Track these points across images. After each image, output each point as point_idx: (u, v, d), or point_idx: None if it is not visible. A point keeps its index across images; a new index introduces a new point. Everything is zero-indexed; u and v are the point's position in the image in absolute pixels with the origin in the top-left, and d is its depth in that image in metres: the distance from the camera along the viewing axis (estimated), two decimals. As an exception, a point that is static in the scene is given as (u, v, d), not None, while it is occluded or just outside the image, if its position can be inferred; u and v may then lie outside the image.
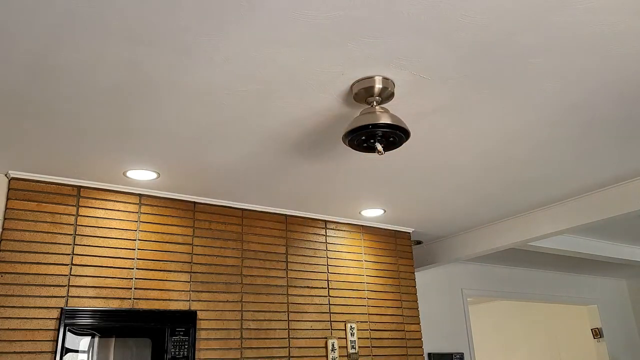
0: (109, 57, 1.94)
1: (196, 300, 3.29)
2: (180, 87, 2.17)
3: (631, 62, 2.11)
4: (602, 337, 6.73)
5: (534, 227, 4.04)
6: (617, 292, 7.27)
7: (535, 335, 7.76)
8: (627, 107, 2.49)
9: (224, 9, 1.70)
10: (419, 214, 4.10)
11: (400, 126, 2.11)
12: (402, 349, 4.09)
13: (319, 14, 1.74)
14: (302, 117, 2.46)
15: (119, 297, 3.06)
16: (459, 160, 3.05)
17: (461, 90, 2.28)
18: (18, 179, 2.99)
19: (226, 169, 3.05)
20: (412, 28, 1.83)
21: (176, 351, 3.06)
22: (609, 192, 3.60)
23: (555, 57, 2.05)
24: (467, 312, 5.61)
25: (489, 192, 3.63)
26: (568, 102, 2.42)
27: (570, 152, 3.00)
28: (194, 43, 1.88)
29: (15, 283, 2.81)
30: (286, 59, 2.00)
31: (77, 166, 2.95)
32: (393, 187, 3.48)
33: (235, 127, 2.54)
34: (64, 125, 2.47)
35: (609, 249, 5.28)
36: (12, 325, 2.73)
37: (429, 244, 4.90)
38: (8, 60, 1.95)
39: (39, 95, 2.20)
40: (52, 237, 2.98)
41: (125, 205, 3.26)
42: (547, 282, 6.50)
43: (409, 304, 4.28)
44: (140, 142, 2.68)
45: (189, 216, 3.46)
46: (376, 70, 2.09)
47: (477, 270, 5.89)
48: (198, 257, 3.40)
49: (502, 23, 1.82)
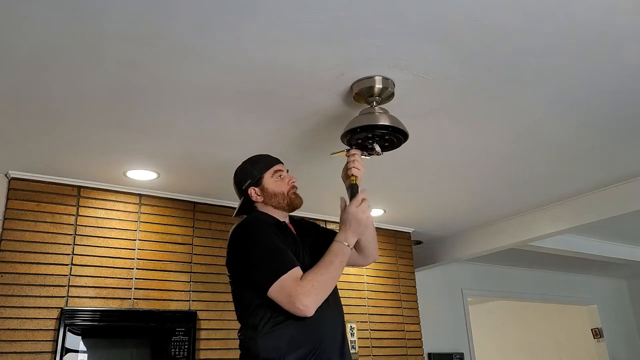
0: (109, 57, 1.94)
1: (196, 300, 3.29)
2: (180, 87, 2.17)
3: (631, 62, 2.10)
4: (602, 337, 6.73)
5: (534, 227, 4.04)
6: (617, 292, 7.27)
7: (535, 335, 7.76)
8: (627, 107, 2.49)
9: (224, 9, 1.70)
10: (419, 214, 4.09)
11: (399, 128, 2.11)
12: (402, 349, 4.09)
13: (319, 14, 1.74)
14: (302, 117, 2.46)
15: (119, 297, 3.06)
16: (459, 160, 3.05)
17: (461, 90, 2.28)
18: (18, 179, 2.99)
19: (226, 169, 3.04)
20: (412, 28, 1.83)
21: (176, 351, 3.06)
22: (609, 192, 3.60)
23: (555, 58, 2.05)
24: (467, 312, 5.60)
25: (489, 192, 3.63)
26: (568, 102, 2.42)
27: (570, 152, 3.00)
28: (194, 43, 1.88)
29: (15, 283, 2.81)
30: (286, 59, 2.00)
31: (77, 166, 2.95)
32: (393, 187, 3.48)
33: (235, 127, 2.54)
34: (64, 125, 2.47)
35: (609, 249, 5.27)
36: (12, 325, 2.73)
37: (429, 244, 4.90)
38: (8, 60, 1.95)
39: (39, 95, 2.20)
40: (52, 237, 2.98)
41: (125, 205, 3.26)
42: (547, 282, 6.50)
43: (409, 304, 4.28)
44: (140, 142, 2.68)
45: (189, 216, 3.46)
46: (376, 70, 2.09)
47: (477, 270, 5.89)
48: (198, 257, 3.39)
49: (502, 23, 1.82)
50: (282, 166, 1.94)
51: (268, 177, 1.89)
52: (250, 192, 1.89)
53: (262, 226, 1.77)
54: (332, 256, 1.71)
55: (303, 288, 1.59)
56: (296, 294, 1.58)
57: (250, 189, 1.89)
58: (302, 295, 1.58)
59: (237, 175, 1.95)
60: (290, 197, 1.89)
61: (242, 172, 1.93)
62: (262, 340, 1.64)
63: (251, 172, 1.90)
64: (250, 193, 1.89)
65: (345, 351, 1.75)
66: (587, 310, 6.94)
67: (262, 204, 1.89)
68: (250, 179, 1.89)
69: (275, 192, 1.87)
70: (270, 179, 1.89)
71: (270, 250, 1.69)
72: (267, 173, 1.89)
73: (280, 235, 1.78)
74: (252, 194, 1.89)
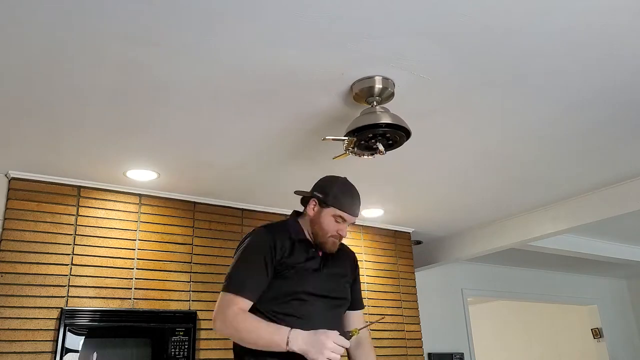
0: (109, 57, 1.94)
1: (196, 300, 3.29)
2: (180, 87, 2.17)
3: (631, 62, 2.10)
4: (602, 337, 6.72)
5: (534, 227, 4.04)
6: (617, 292, 7.27)
7: (535, 335, 7.76)
8: (627, 107, 2.49)
9: (224, 9, 1.70)
10: (419, 214, 4.09)
11: (402, 126, 2.11)
12: (402, 349, 4.09)
13: (319, 14, 1.74)
14: (302, 117, 2.46)
15: (119, 297, 3.06)
16: (459, 160, 3.05)
17: (461, 90, 2.28)
18: (18, 179, 2.99)
19: (226, 169, 3.05)
20: (412, 28, 1.83)
21: (176, 351, 3.06)
22: (610, 192, 3.60)
23: (555, 57, 2.05)
24: (467, 312, 5.60)
25: (489, 192, 3.63)
26: (568, 102, 2.42)
27: (570, 152, 3.00)
28: (194, 43, 1.88)
29: (15, 283, 2.81)
30: (286, 59, 2.00)
31: (77, 166, 2.95)
32: (393, 187, 3.48)
33: (235, 127, 2.54)
34: (64, 126, 2.47)
35: (609, 249, 5.27)
36: (12, 325, 2.73)
37: (429, 244, 4.90)
38: (8, 60, 1.95)
39: (39, 95, 2.20)
40: (52, 237, 2.98)
41: (125, 205, 3.26)
42: (547, 282, 6.50)
43: (409, 304, 4.28)
44: (140, 142, 2.68)
45: (189, 216, 3.46)
46: (376, 70, 2.09)
47: (477, 270, 5.88)
48: (198, 257, 3.39)
49: (502, 23, 1.82)
50: (350, 218, 1.85)
51: (331, 212, 1.83)
52: (311, 203, 1.87)
53: (261, 243, 1.78)
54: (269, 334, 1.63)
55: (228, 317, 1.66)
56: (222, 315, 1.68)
57: (314, 201, 1.86)
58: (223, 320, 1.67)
59: (323, 181, 1.91)
60: (327, 239, 1.83)
61: (326, 186, 1.88)
62: None
63: (330, 194, 1.84)
64: (311, 203, 1.87)
65: None
66: (587, 310, 6.94)
67: (308, 218, 1.88)
68: (324, 196, 1.84)
69: (322, 227, 1.83)
70: (330, 215, 1.83)
71: (247, 267, 1.75)
72: (334, 209, 1.83)
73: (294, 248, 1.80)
74: (310, 204, 1.87)
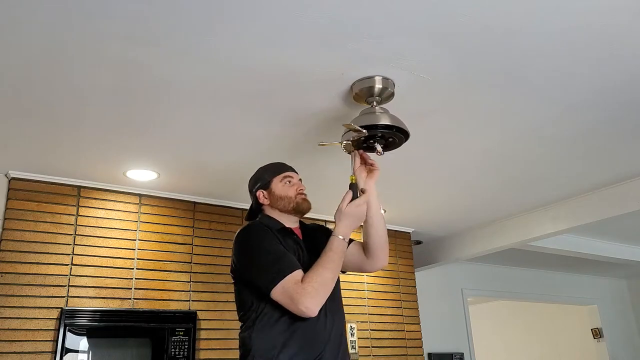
0: (109, 57, 1.94)
1: (196, 300, 3.29)
2: (180, 87, 2.17)
3: (631, 62, 2.10)
4: (602, 337, 6.73)
5: (534, 227, 4.04)
6: (617, 292, 7.27)
7: (535, 335, 7.76)
8: (627, 107, 2.49)
9: (224, 8, 1.70)
10: (418, 214, 4.09)
11: (400, 127, 2.11)
12: (402, 349, 4.09)
13: (319, 14, 1.74)
14: (302, 117, 2.46)
15: (119, 297, 3.06)
16: (459, 160, 3.05)
17: (461, 90, 2.28)
18: (18, 179, 2.99)
19: (226, 169, 3.05)
20: (412, 28, 1.83)
21: (176, 351, 3.06)
22: (610, 192, 3.60)
23: (555, 58, 2.05)
24: (467, 312, 5.60)
25: (489, 192, 3.63)
26: (568, 102, 2.42)
27: (570, 152, 3.00)
28: (194, 43, 1.88)
29: (15, 283, 2.81)
30: (286, 59, 2.00)
31: (77, 166, 2.95)
32: (393, 187, 3.48)
33: (235, 127, 2.54)
34: (64, 125, 2.47)
35: (609, 249, 5.27)
36: (12, 325, 2.73)
37: (429, 244, 4.90)
38: (8, 60, 1.95)
39: (39, 95, 2.20)
40: (52, 237, 2.98)
41: (125, 205, 3.26)
42: (547, 282, 6.50)
43: (409, 304, 4.28)
44: (140, 142, 2.68)
45: (189, 216, 3.46)
46: (376, 70, 2.09)
47: (477, 270, 5.89)
48: (198, 257, 3.39)
49: (502, 23, 1.82)
50: (293, 174, 1.97)
51: (277, 181, 1.93)
52: (259, 195, 1.94)
53: (263, 231, 1.80)
54: (330, 252, 1.72)
55: (304, 290, 1.62)
56: (298, 296, 1.61)
57: (259, 191, 1.94)
58: (304, 297, 1.61)
59: (250, 180, 2.01)
60: (297, 200, 1.90)
61: (254, 177, 2.00)
62: (258, 338, 1.67)
63: (262, 176, 1.96)
64: (258, 195, 1.94)
65: (342, 352, 1.75)
66: (587, 310, 6.94)
67: (269, 207, 1.92)
68: (260, 182, 1.95)
69: (282, 196, 1.90)
70: (278, 183, 1.93)
71: (272, 254, 1.71)
72: (276, 177, 1.94)
73: (283, 239, 1.80)
74: (259, 197, 1.93)
